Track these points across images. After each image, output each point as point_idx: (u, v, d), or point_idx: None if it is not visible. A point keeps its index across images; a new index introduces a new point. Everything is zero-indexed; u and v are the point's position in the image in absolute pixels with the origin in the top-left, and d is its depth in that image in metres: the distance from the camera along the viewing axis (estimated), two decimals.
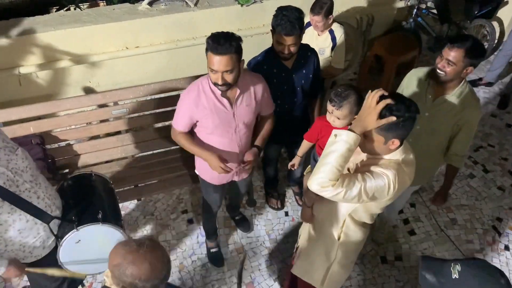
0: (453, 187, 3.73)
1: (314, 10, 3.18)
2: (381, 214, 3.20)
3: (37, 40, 3.39)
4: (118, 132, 3.26)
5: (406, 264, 3.21)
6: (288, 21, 2.43)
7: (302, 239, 2.43)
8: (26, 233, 2.03)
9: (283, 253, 3.21)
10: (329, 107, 2.14)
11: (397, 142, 1.73)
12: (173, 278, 3.06)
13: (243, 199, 3.35)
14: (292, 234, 3.34)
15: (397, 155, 1.80)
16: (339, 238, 2.12)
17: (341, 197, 1.75)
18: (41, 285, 2.39)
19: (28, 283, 2.94)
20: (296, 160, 2.66)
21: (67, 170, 3.13)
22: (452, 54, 2.21)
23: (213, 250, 3.20)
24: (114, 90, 3.07)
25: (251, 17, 3.94)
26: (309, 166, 2.43)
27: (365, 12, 4.44)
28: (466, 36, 2.29)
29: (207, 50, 2.14)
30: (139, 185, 3.18)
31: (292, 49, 2.54)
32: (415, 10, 4.65)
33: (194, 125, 2.45)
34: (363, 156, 1.89)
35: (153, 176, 3.20)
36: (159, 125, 3.31)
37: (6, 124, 2.85)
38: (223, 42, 2.08)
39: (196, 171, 2.74)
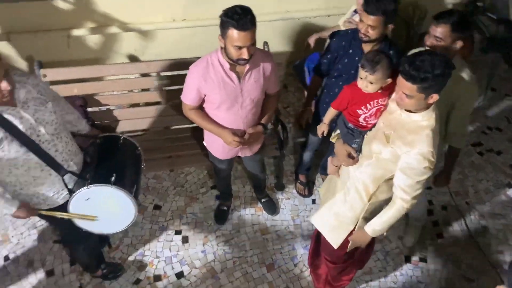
0: (489, 194, 3.62)
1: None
2: (410, 216, 3.16)
3: (89, 4, 3.46)
4: (158, 103, 3.31)
5: (431, 267, 3.15)
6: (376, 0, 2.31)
7: (326, 193, 2.54)
8: (41, 181, 2.13)
9: (306, 240, 3.22)
10: (362, 73, 2.12)
11: (436, 96, 1.87)
12: (196, 250, 3.12)
13: (265, 181, 3.35)
14: None
15: (430, 112, 1.94)
16: (369, 200, 2.20)
17: (414, 204, 2.06)
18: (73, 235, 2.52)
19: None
20: (324, 128, 2.64)
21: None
22: (439, 30, 2.22)
23: (222, 207, 3.32)
24: (158, 60, 3.12)
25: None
26: (338, 132, 2.41)
27: (418, 5, 4.28)
28: (450, 10, 2.28)
29: (227, 28, 2.11)
30: (172, 156, 3.24)
31: (371, 32, 2.40)
32: (471, 7, 4.45)
33: (202, 101, 2.48)
34: (396, 116, 2.03)
35: (187, 149, 3.24)
36: None
37: (53, 83, 2.95)
38: (246, 16, 2.09)
39: (204, 142, 2.80)
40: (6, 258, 3.02)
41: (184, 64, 3.10)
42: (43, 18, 3.45)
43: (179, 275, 3.02)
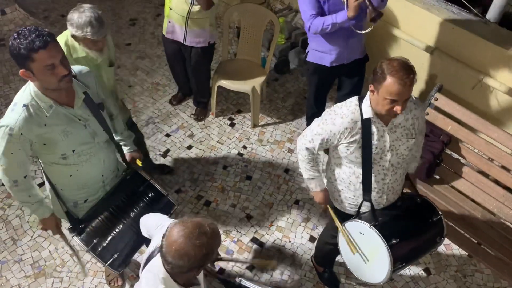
0: None
1: None
2: None
3: None
4: (508, 188, 2.95)
5: None
6: None
7: None
8: (352, 187, 2.26)
9: None
10: None
11: None
12: None
13: None
14: None
15: None
16: None
17: None
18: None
19: None
20: None
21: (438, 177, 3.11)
22: None
23: None
24: None
25: None
26: None
27: None
28: None
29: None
30: (482, 245, 2.89)
31: None
32: None
33: None
34: None
35: (503, 252, 2.81)
36: None
37: (436, 109, 3.00)
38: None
39: None
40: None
41: None
42: (469, 52, 3.46)
43: None
